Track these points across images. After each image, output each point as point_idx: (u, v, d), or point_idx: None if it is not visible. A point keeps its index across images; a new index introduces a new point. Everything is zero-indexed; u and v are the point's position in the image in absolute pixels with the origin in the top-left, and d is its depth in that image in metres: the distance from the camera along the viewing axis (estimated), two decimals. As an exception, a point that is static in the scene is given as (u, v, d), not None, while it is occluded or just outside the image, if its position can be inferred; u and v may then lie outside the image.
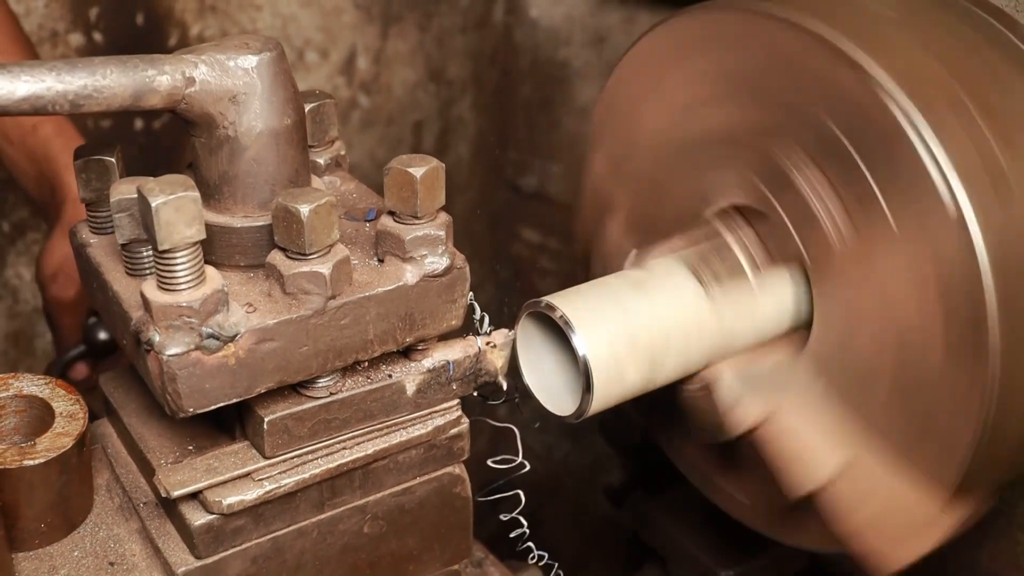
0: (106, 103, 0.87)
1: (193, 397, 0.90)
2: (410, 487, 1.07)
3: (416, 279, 0.97)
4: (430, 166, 0.95)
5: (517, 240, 2.89)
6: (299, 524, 1.02)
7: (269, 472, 0.98)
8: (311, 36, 2.40)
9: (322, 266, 0.92)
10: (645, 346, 1.10)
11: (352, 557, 1.07)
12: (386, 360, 1.02)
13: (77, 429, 1.00)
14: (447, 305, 1.00)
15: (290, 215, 0.90)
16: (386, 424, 1.03)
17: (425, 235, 0.97)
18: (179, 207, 0.85)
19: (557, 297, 1.09)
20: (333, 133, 1.11)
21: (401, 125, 2.64)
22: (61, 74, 0.85)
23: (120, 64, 0.88)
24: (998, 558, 1.39)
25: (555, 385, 1.12)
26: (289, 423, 0.97)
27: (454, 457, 1.08)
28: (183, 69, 0.91)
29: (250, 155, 0.94)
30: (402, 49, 2.56)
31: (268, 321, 0.91)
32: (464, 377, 1.06)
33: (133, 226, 0.93)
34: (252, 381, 0.92)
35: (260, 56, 0.93)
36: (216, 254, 0.96)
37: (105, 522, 1.04)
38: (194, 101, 0.92)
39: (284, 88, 0.95)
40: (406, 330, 0.99)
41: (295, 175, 0.97)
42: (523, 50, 2.70)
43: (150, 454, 1.02)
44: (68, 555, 1.01)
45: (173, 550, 0.99)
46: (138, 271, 0.96)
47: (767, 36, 1.11)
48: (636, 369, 1.10)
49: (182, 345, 0.88)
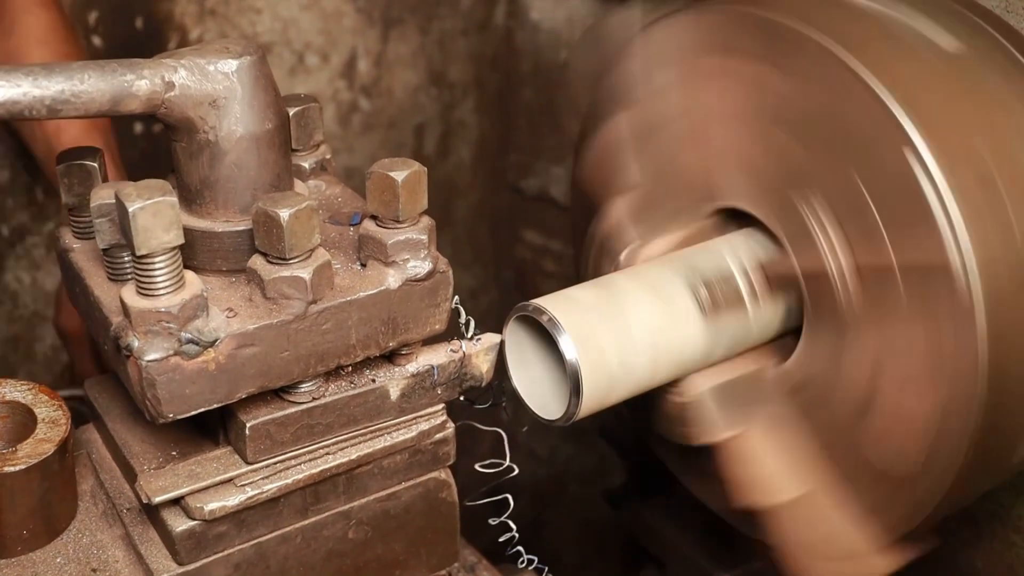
0: (84, 108, 0.87)
1: (173, 403, 0.89)
2: (395, 492, 1.07)
3: (398, 283, 0.97)
4: (412, 170, 0.95)
5: (520, 243, 2.88)
6: (283, 530, 1.02)
7: (252, 478, 0.98)
8: (311, 39, 2.40)
9: (303, 271, 0.91)
10: (634, 354, 1.09)
11: (337, 563, 1.06)
12: (370, 365, 1.02)
13: (59, 435, 1.00)
14: (430, 309, 1.00)
15: (270, 220, 0.90)
16: (370, 429, 1.02)
17: (407, 239, 0.96)
18: (156, 212, 0.84)
19: (547, 300, 1.09)
20: (318, 137, 1.11)
21: (402, 128, 2.63)
22: (38, 79, 0.85)
23: (98, 69, 0.88)
24: (993, 560, 1.38)
25: (544, 389, 1.11)
26: (271, 428, 0.97)
27: (440, 462, 1.08)
28: (163, 73, 0.90)
29: (231, 159, 0.94)
30: (403, 52, 2.56)
31: (248, 326, 0.91)
32: (449, 381, 1.05)
33: (113, 231, 0.93)
34: (233, 386, 0.92)
35: (240, 60, 0.93)
36: (197, 259, 0.96)
37: (89, 528, 1.04)
38: (174, 106, 0.91)
39: (265, 92, 0.94)
40: (389, 334, 0.98)
41: (277, 179, 0.97)
42: (524, 53, 2.70)
43: (133, 460, 1.01)
44: (51, 562, 1.01)
45: (155, 556, 0.99)
46: (119, 276, 0.96)
47: (824, 73, 1.06)
48: (625, 375, 1.09)
49: (161, 351, 0.87)
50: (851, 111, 1.04)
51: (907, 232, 1.02)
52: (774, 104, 1.12)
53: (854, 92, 1.03)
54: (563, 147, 2.61)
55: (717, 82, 1.17)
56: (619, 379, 1.09)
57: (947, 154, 1.00)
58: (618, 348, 1.08)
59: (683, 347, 1.14)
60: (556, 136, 2.67)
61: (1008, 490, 1.33)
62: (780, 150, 1.12)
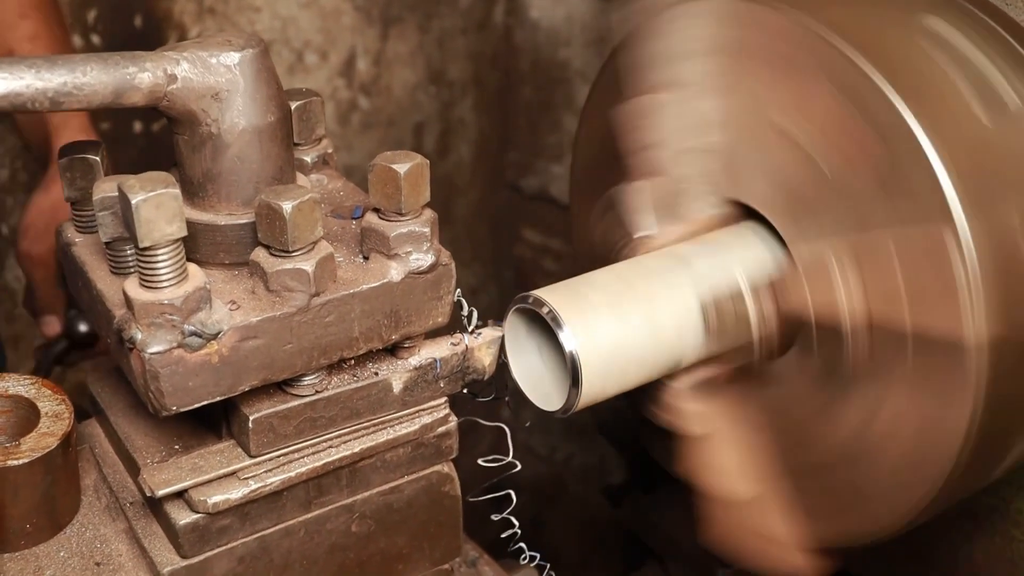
0: (87, 100, 0.87)
1: (176, 395, 0.89)
2: (398, 486, 1.07)
3: (401, 276, 0.97)
4: (414, 162, 0.95)
5: (519, 241, 2.88)
6: (286, 523, 1.02)
7: (255, 471, 0.98)
8: (311, 38, 2.40)
9: (305, 263, 0.91)
10: (634, 347, 1.09)
11: (340, 556, 1.06)
12: (372, 358, 1.02)
13: (62, 429, 1.00)
14: (433, 302, 1.00)
15: (273, 212, 0.90)
16: (373, 422, 1.02)
17: (410, 232, 0.96)
18: (159, 204, 0.84)
19: (546, 291, 1.08)
20: (320, 131, 1.11)
21: (402, 127, 2.63)
22: (40, 71, 0.85)
23: (101, 61, 0.88)
24: (992, 554, 1.38)
25: (543, 380, 1.11)
26: (274, 421, 0.97)
27: (442, 455, 1.08)
28: (165, 66, 0.90)
29: (233, 152, 0.94)
30: (402, 51, 2.56)
31: (251, 319, 0.91)
32: (451, 375, 1.05)
33: (116, 224, 0.93)
34: (236, 379, 0.92)
35: (242, 53, 0.93)
36: (200, 252, 0.96)
37: (92, 522, 1.04)
38: (176, 98, 0.91)
39: (267, 85, 0.94)
40: (392, 327, 0.98)
41: (279, 172, 0.97)
42: (524, 51, 2.70)
43: (136, 453, 1.01)
44: (54, 555, 1.01)
45: (159, 550, 0.99)
46: (122, 269, 0.96)
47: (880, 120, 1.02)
48: (624, 368, 1.09)
49: (164, 343, 0.87)
50: (898, 169, 1.02)
51: (928, 302, 1.02)
52: (818, 133, 1.08)
53: (907, 151, 1.01)
54: (562, 145, 2.61)
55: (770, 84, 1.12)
56: (618, 371, 1.09)
57: (984, 233, 1.00)
58: (618, 341, 1.08)
59: (684, 348, 1.13)
60: (556, 135, 2.68)
61: (1008, 485, 1.33)
62: (816, 179, 1.09)
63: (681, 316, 1.12)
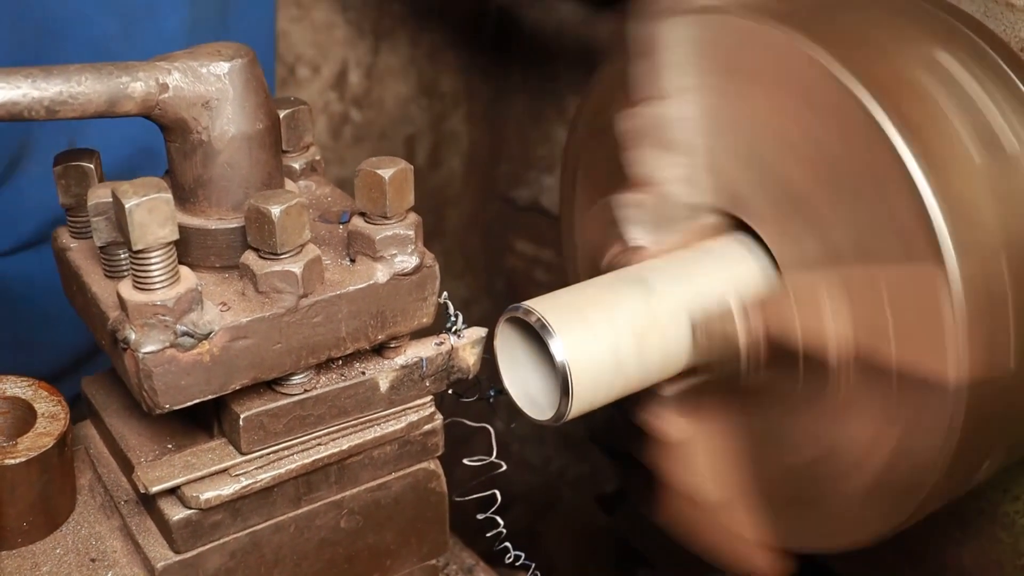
0: (81, 109, 0.90)
1: (169, 394, 0.92)
2: (385, 482, 1.10)
3: (387, 277, 1.00)
4: (399, 167, 0.98)
5: (511, 253, 2.90)
6: (276, 519, 1.05)
7: (245, 468, 1.01)
8: (302, 51, 2.43)
9: (294, 265, 0.94)
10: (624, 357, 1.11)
11: (329, 551, 1.09)
12: (360, 358, 1.05)
13: (58, 429, 1.02)
14: (418, 303, 1.02)
15: (262, 216, 0.93)
16: (360, 420, 1.05)
17: (395, 235, 0.99)
18: (152, 208, 0.87)
19: (537, 302, 1.10)
20: (308, 139, 1.14)
21: (393, 139, 2.66)
22: (36, 81, 0.88)
23: (95, 71, 0.91)
24: (980, 556, 1.40)
25: (535, 390, 1.13)
26: (264, 419, 1.00)
27: (428, 453, 1.11)
28: (157, 76, 0.93)
29: (223, 159, 0.97)
30: (394, 63, 2.58)
31: (242, 319, 0.94)
32: (437, 374, 1.08)
33: (110, 229, 0.96)
34: (227, 378, 0.95)
35: (232, 63, 0.96)
36: (192, 255, 0.99)
37: (87, 520, 1.07)
38: (168, 107, 0.94)
39: (256, 94, 0.97)
40: (378, 328, 1.01)
41: (268, 178, 1.00)
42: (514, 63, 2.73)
43: (130, 452, 1.04)
44: (50, 552, 1.03)
45: (152, 545, 1.02)
46: (116, 273, 0.99)
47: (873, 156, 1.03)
48: (613, 378, 1.11)
49: (157, 343, 0.90)
50: (893, 206, 1.02)
51: (915, 340, 1.03)
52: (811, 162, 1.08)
53: (902, 190, 1.01)
54: (554, 157, 2.64)
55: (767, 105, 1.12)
56: (608, 381, 1.11)
57: (973, 276, 1.00)
58: (608, 351, 1.10)
59: (672, 360, 1.15)
60: (547, 146, 2.70)
61: (994, 489, 1.35)
62: (810, 206, 1.10)
63: (670, 328, 1.14)
